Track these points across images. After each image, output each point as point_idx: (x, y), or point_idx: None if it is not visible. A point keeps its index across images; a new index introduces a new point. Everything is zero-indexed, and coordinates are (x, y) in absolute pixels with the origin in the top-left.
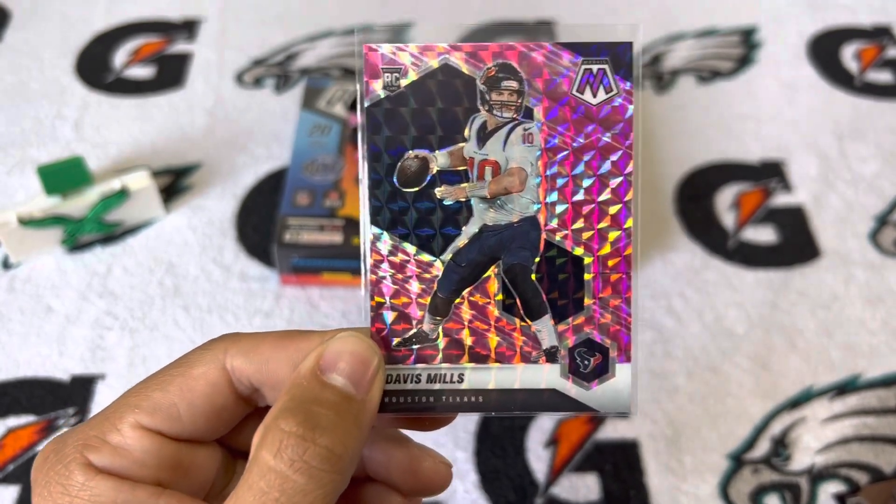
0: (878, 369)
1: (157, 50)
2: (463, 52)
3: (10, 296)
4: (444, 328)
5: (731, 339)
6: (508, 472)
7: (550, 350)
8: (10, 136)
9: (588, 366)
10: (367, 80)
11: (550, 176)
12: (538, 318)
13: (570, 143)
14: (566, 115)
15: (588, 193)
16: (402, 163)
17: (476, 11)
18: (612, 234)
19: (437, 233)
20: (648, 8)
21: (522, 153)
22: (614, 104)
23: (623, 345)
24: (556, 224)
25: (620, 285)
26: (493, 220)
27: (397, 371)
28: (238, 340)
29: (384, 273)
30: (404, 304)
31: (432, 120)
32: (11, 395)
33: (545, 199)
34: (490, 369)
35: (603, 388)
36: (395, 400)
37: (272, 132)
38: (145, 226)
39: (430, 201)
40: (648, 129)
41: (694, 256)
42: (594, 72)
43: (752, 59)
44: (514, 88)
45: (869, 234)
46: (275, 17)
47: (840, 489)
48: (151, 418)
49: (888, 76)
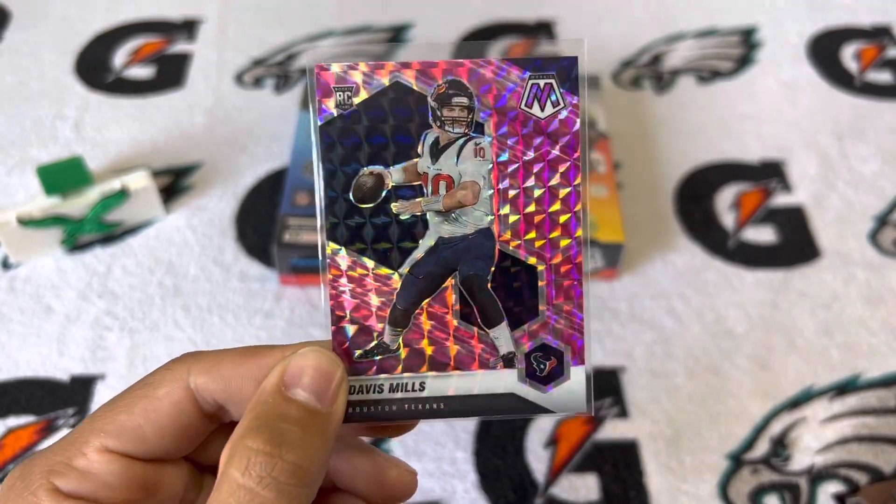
0: (878, 369)
1: (157, 50)
2: (413, 70)
3: (10, 296)
4: (404, 339)
5: (731, 339)
6: (508, 472)
7: (507, 356)
8: (10, 136)
9: (544, 370)
10: (320, 99)
11: (502, 188)
12: (495, 325)
13: (520, 156)
14: (516, 129)
15: (539, 204)
16: (357, 179)
17: (476, 11)
18: (563, 242)
19: (394, 247)
20: (648, 8)
21: (475, 167)
22: (561, 117)
23: (577, 348)
24: (509, 235)
25: (573, 291)
26: (449, 232)
27: (360, 382)
28: (200, 359)
29: (344, 287)
30: (365, 317)
31: (385, 137)
32: (11, 395)
33: (498, 211)
34: (450, 376)
35: (559, 391)
36: (359, 410)
37: (272, 132)
38: (145, 226)
39: (387, 216)
40: (648, 129)
41: (694, 256)
42: (541, 86)
43: (752, 59)
44: (464, 104)
45: (869, 234)
46: (275, 17)
47: (840, 489)
48: (117, 441)
49: (888, 76)
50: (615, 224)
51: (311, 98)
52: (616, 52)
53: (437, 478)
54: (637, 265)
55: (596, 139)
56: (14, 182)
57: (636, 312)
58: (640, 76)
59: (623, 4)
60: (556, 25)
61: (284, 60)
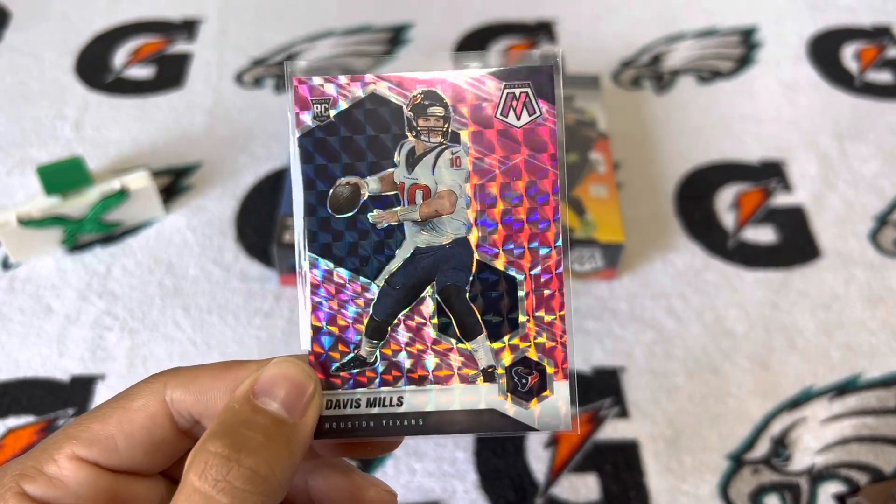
0: (878, 369)
1: (157, 50)
2: (389, 81)
3: (10, 296)
4: (381, 351)
5: (731, 339)
6: (508, 472)
7: (488, 370)
8: (10, 136)
9: (526, 384)
10: (297, 111)
11: (480, 198)
12: (474, 338)
13: (497, 165)
14: (492, 138)
15: (517, 213)
16: (334, 190)
17: (476, 11)
18: (543, 251)
19: (371, 257)
20: (648, 8)
21: (451, 176)
22: (538, 126)
23: (559, 362)
24: (487, 244)
25: (554, 303)
26: (426, 242)
27: (336, 396)
28: (178, 374)
29: (320, 298)
30: (341, 329)
31: (362, 147)
32: (11, 395)
33: (476, 221)
34: (429, 391)
35: (541, 406)
36: (335, 426)
37: (272, 132)
38: (145, 226)
39: (364, 226)
40: (648, 129)
41: (694, 256)
42: (517, 95)
43: (752, 59)
44: (439, 114)
45: (869, 234)
46: (275, 17)
47: (840, 489)
48: (88, 450)
49: (888, 76)
50: (615, 224)
51: (289, 110)
52: (616, 52)
53: (437, 478)
54: (637, 265)
55: (596, 139)
56: (14, 182)
57: (636, 312)
58: (640, 76)
59: (623, 4)
60: (555, 25)
61: (284, 60)
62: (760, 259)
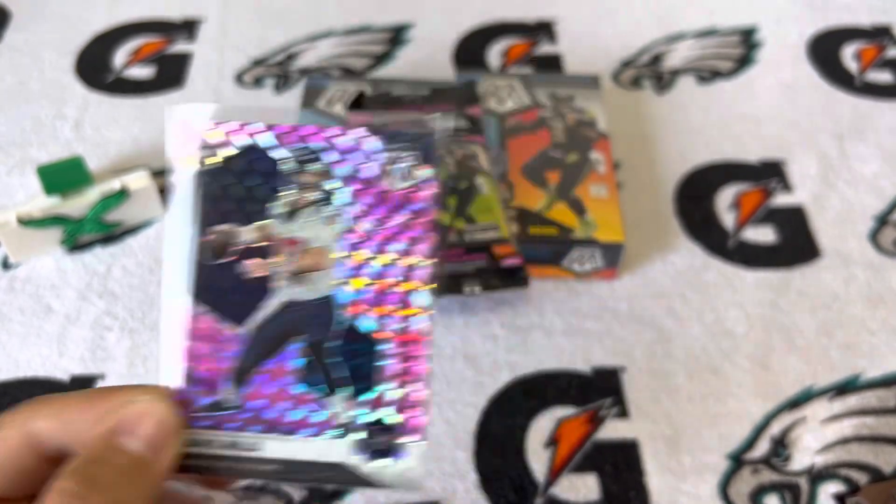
0: (878, 369)
1: (157, 50)
2: (273, 132)
3: (10, 296)
4: (245, 397)
5: (731, 339)
6: (508, 471)
7: (345, 425)
8: (10, 136)
9: (380, 444)
10: (179, 156)
11: (353, 255)
12: (334, 393)
13: (374, 224)
14: (371, 198)
15: (388, 275)
16: (210, 236)
17: (476, 11)
18: (410, 313)
19: (241, 304)
20: (648, 8)
21: (327, 233)
22: (417, 189)
23: (415, 423)
24: (356, 303)
25: (416, 365)
26: (296, 295)
27: (198, 435)
28: (47, 403)
29: (189, 340)
30: (208, 372)
31: (241, 196)
32: (11, 395)
33: (347, 278)
34: (286, 440)
35: (394, 466)
36: (195, 463)
37: None
38: (145, 226)
39: (237, 274)
40: (648, 129)
41: (694, 256)
42: (399, 157)
43: (752, 59)
44: (321, 170)
45: (869, 234)
46: (275, 17)
47: (840, 489)
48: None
49: (888, 76)
50: (615, 224)
51: (172, 155)
52: (616, 52)
53: (437, 478)
54: (637, 265)
55: (596, 139)
56: (14, 182)
57: (636, 312)
58: (640, 76)
59: (623, 4)
60: (556, 25)
61: (284, 60)
62: (760, 259)
